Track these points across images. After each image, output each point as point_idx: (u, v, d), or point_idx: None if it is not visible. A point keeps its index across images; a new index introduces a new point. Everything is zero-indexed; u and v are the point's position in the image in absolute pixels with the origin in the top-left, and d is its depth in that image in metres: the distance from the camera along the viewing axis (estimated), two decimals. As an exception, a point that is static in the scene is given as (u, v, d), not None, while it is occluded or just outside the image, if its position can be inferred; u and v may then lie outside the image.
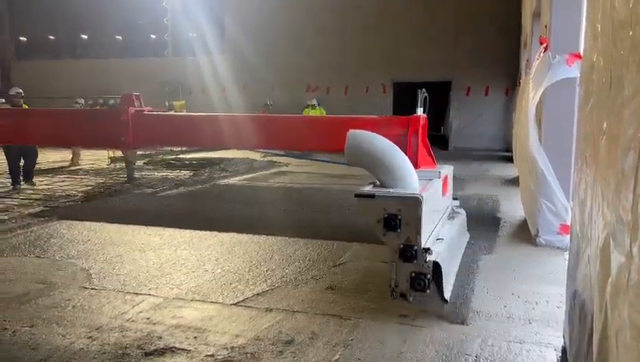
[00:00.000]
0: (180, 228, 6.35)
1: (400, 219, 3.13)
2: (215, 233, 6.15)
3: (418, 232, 3.09)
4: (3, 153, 9.81)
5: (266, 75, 19.56)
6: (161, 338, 3.38)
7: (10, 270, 4.82)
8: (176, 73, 21.03)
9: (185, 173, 11.74)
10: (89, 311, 3.86)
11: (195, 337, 3.40)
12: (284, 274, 4.66)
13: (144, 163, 13.53)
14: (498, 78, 18.38)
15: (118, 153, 13.97)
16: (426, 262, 3.15)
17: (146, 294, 4.19)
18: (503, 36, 17.73)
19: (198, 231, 6.21)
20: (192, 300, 4.08)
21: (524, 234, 6.04)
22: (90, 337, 3.41)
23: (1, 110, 6.83)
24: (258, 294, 4.20)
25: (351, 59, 19.45)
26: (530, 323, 3.64)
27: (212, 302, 4.05)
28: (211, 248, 5.57)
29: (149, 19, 22.77)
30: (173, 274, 4.70)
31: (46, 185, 9.98)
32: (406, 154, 3.92)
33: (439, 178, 3.86)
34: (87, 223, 6.66)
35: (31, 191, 9.16)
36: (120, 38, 23.85)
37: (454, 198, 4.64)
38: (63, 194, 8.78)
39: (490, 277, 4.61)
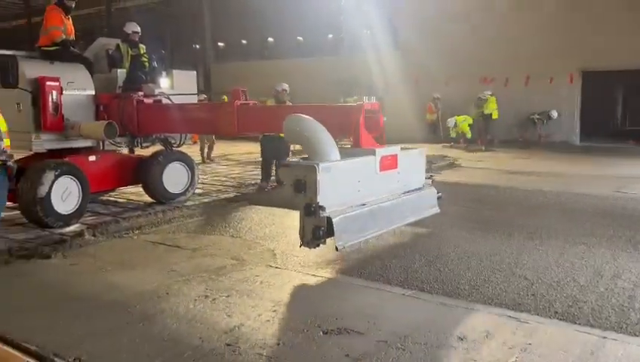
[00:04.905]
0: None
1: (305, 183, 3.96)
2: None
3: (315, 193, 3.94)
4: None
5: (439, 69, 19.13)
6: (337, 319, 3.60)
7: (211, 246, 5.54)
8: (350, 71, 21.67)
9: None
10: (274, 286, 4.27)
11: (369, 321, 3.54)
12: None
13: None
14: None
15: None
16: (320, 217, 3.92)
17: (320, 277, 4.50)
18: None
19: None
20: (365, 287, 4.25)
21: None
22: (275, 311, 3.77)
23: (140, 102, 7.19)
24: (430, 287, 4.21)
25: (532, 47, 17.89)
26: None
27: (388, 292, 4.16)
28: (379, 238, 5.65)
29: (326, 20, 23.86)
30: (343, 260, 4.95)
31: (237, 173, 11.16)
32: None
33: (373, 156, 4.56)
34: (272, 209, 7.30)
35: (225, 178, 10.33)
36: (301, 39, 25.42)
37: (428, 178, 5.41)
38: (252, 182, 9.70)
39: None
